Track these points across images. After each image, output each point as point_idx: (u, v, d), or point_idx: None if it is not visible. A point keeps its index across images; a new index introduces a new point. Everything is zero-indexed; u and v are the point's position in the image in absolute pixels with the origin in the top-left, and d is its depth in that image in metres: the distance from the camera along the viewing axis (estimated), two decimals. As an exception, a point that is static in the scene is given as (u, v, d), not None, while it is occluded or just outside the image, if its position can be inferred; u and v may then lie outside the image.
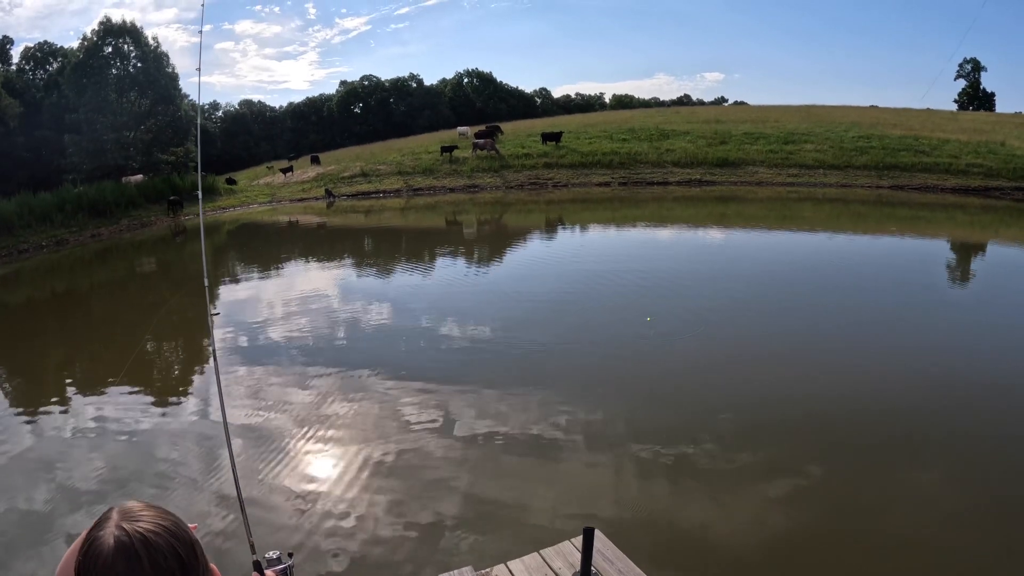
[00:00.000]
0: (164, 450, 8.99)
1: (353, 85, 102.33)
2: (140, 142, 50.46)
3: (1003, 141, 40.50)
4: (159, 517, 1.47)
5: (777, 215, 32.06)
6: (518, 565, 5.16)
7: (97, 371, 13.39)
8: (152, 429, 9.74)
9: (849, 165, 40.36)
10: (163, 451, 8.97)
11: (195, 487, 7.85)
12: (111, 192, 39.26)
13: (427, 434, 8.91)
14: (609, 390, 10.28)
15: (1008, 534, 6.32)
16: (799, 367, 11.08)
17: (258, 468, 8.12)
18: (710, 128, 48.87)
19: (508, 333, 13.47)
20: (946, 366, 10.85)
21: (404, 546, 6.45)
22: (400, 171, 47.22)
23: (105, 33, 51.04)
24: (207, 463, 8.50)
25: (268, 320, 15.77)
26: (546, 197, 39.53)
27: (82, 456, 8.94)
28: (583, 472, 7.79)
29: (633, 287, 16.65)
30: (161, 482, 8.01)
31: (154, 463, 8.59)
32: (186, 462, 8.61)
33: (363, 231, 33.89)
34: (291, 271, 23.41)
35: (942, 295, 16.28)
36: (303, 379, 11.32)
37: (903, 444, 8.23)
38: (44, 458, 8.90)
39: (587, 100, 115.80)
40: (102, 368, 13.42)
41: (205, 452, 8.85)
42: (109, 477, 8.26)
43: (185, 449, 8.99)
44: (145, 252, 32.38)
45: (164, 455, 8.84)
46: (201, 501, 7.43)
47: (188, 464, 8.55)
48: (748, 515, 6.77)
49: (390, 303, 16.94)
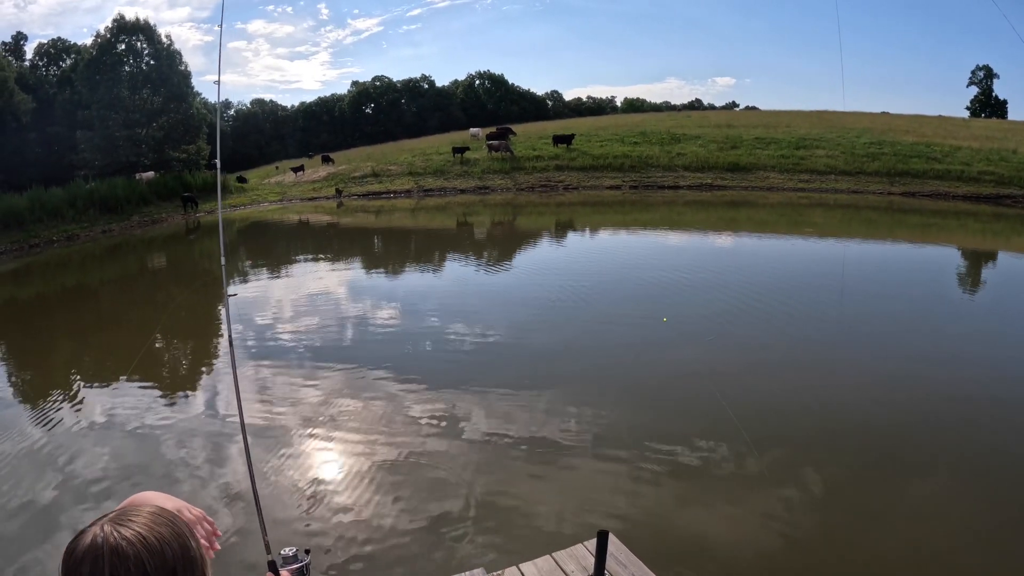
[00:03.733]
0: (174, 446, 8.96)
1: (365, 86, 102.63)
2: (152, 139, 50.60)
3: (1015, 148, 40.21)
4: (150, 525, 1.39)
5: (788, 221, 31.90)
6: (530, 568, 5.12)
7: (107, 366, 13.39)
8: (162, 424, 9.72)
9: (861, 171, 40.19)
10: (173, 447, 8.94)
11: (206, 483, 7.83)
12: (122, 188, 39.39)
13: (437, 435, 8.88)
14: (622, 393, 10.23)
15: (1018, 547, 6.26)
16: (814, 374, 11.01)
17: (268, 466, 8.10)
18: (721, 132, 48.81)
19: (517, 335, 13.44)
20: (959, 377, 10.78)
21: (415, 547, 6.42)
22: (411, 172, 47.25)
23: (119, 30, 51.21)
24: (219, 459, 8.48)
25: (277, 318, 15.77)
26: (557, 199, 39.49)
27: (91, 451, 8.92)
28: (595, 475, 7.74)
29: (647, 289, 16.62)
30: (171, 478, 7.98)
31: (164, 459, 8.58)
32: (197, 458, 8.58)
33: (373, 231, 33.87)
34: (301, 270, 23.39)
35: (960, 304, 16.19)
36: (312, 377, 11.31)
37: (915, 454, 8.18)
38: (53, 452, 8.88)
39: (598, 103, 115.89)
40: (112, 363, 13.42)
41: (216, 448, 8.82)
42: (117, 472, 8.23)
43: (196, 445, 8.96)
44: (156, 248, 32.45)
45: (174, 450, 8.81)
46: (212, 498, 7.40)
47: (199, 460, 8.53)
48: (761, 521, 6.72)
49: (399, 303, 16.93)
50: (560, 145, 47.64)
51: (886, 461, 7.94)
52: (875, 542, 6.30)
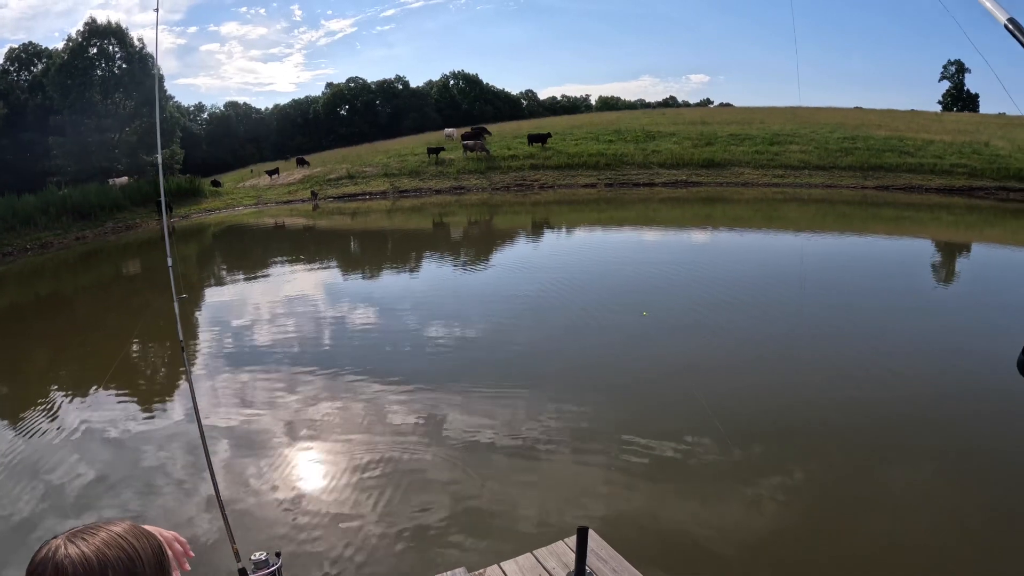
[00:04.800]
0: (149, 455, 8.88)
1: (339, 87, 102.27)
2: (125, 144, 50.16)
3: (987, 141, 40.82)
4: (109, 544, 1.40)
5: (763, 216, 32.15)
6: (511, 566, 5.13)
7: (82, 375, 13.25)
8: (137, 433, 9.61)
9: (834, 166, 40.63)
10: (148, 456, 8.85)
11: (180, 492, 7.76)
12: (96, 194, 38.96)
13: (415, 435, 8.86)
14: (600, 389, 10.25)
15: (994, 536, 6.35)
16: (793, 368, 11.08)
17: (245, 471, 8.07)
18: (696, 129, 49.12)
19: (495, 334, 13.45)
20: (940, 368, 10.92)
21: (396, 548, 6.41)
22: (386, 173, 47.13)
23: (90, 34, 50.79)
24: (193, 467, 8.41)
25: (254, 322, 15.68)
26: (532, 198, 39.55)
27: (66, 461, 8.81)
28: (575, 472, 7.77)
29: (624, 285, 16.69)
30: (145, 487, 7.90)
31: (139, 468, 8.48)
32: (172, 466, 8.50)
33: (349, 233, 33.78)
34: (277, 273, 23.25)
35: (939, 297, 16.36)
36: (290, 381, 11.24)
37: (894, 445, 8.26)
38: (27, 463, 8.79)
39: (573, 102, 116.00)
40: (87, 372, 13.29)
41: (191, 456, 8.76)
42: (93, 482, 8.12)
43: (171, 453, 8.87)
44: (131, 254, 32.17)
45: (149, 460, 8.73)
46: (187, 506, 7.35)
47: (173, 468, 8.44)
48: (741, 514, 6.76)
49: (376, 305, 16.86)
50: (535, 144, 47.75)
51: (865, 452, 8.02)
52: (855, 534, 6.36)
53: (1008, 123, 47.79)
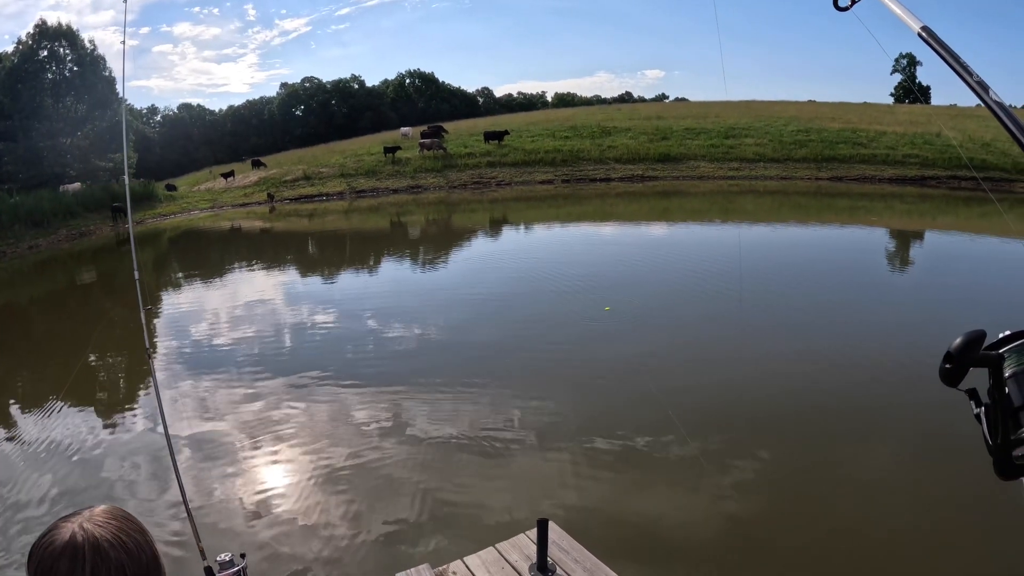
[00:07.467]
0: (113, 463, 8.79)
1: (294, 87, 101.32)
2: (77, 148, 49.20)
3: (938, 132, 41.65)
4: (124, 531, 1.43)
5: (720, 208, 32.54)
6: (475, 560, 5.19)
7: (39, 388, 13.06)
8: (98, 442, 9.52)
9: (789, 158, 41.26)
10: (111, 464, 8.76)
11: (146, 498, 7.73)
12: (48, 201, 38.01)
13: (378, 436, 8.89)
14: (560, 384, 10.37)
15: (951, 518, 6.53)
16: (752, 359, 11.24)
17: (210, 476, 8.05)
18: (652, 124, 49.41)
19: (456, 333, 13.52)
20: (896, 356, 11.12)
21: (360, 547, 6.45)
22: (343, 173, 46.84)
23: (40, 36, 49.71)
24: (158, 473, 8.36)
25: (214, 328, 15.55)
26: (490, 196, 39.64)
27: (28, 474, 8.73)
28: (537, 466, 7.86)
29: (582, 281, 16.79)
30: (111, 495, 7.86)
31: (102, 477, 8.40)
32: (136, 474, 8.44)
33: (307, 235, 33.60)
34: (235, 278, 23.09)
35: (897, 284, 16.66)
36: (252, 386, 11.19)
37: (853, 433, 8.43)
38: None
39: (529, 99, 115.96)
40: (44, 384, 13.09)
41: (155, 462, 8.69)
42: (57, 494, 8.05)
43: (134, 461, 8.81)
44: (85, 262, 31.62)
45: (113, 468, 8.65)
46: (153, 511, 7.32)
47: (138, 476, 8.39)
48: (700, 504, 6.90)
49: (336, 307, 16.82)
50: (492, 142, 47.79)
51: (823, 440, 8.19)
52: (815, 520, 6.51)
53: (959, 114, 48.91)
